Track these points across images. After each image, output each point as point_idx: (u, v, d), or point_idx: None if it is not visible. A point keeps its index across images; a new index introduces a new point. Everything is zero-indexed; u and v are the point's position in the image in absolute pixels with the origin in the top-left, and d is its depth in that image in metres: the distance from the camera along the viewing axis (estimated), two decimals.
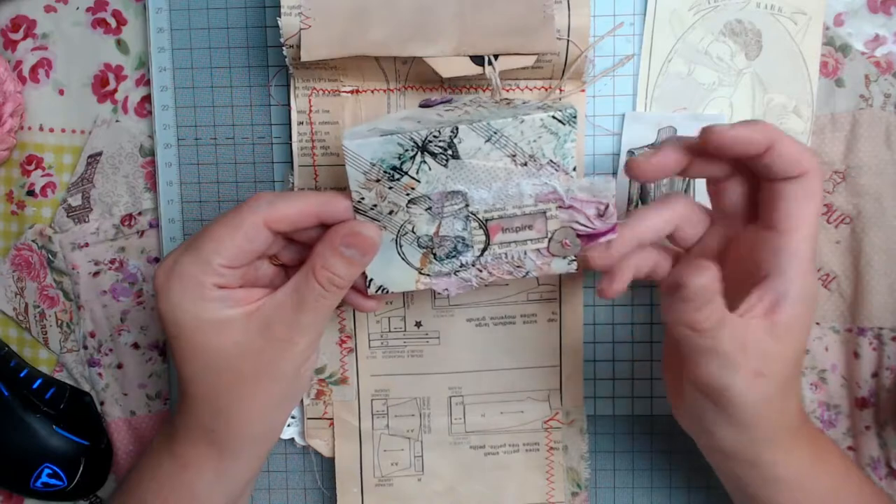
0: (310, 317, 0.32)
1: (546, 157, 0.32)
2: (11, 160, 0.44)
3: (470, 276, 0.34)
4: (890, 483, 0.42)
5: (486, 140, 0.32)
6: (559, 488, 0.43)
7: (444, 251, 0.34)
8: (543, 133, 0.32)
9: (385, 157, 0.32)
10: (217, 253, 0.31)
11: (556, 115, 0.31)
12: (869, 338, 0.42)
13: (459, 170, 0.32)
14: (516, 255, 0.33)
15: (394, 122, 0.33)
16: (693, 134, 0.40)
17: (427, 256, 0.34)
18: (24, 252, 0.44)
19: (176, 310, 0.31)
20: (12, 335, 0.45)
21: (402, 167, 0.32)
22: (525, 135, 0.32)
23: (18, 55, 0.43)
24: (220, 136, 0.42)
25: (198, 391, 0.33)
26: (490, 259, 0.34)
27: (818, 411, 0.43)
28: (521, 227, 0.33)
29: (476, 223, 0.33)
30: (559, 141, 0.32)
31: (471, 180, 0.32)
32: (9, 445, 0.42)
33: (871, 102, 0.40)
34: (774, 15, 0.40)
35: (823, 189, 0.40)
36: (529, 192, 0.32)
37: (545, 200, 0.33)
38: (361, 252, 0.32)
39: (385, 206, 0.33)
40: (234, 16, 0.41)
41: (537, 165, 0.32)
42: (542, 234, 0.33)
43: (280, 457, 0.44)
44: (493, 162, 0.32)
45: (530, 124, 0.31)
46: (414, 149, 0.32)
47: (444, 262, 0.34)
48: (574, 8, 0.37)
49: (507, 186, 0.32)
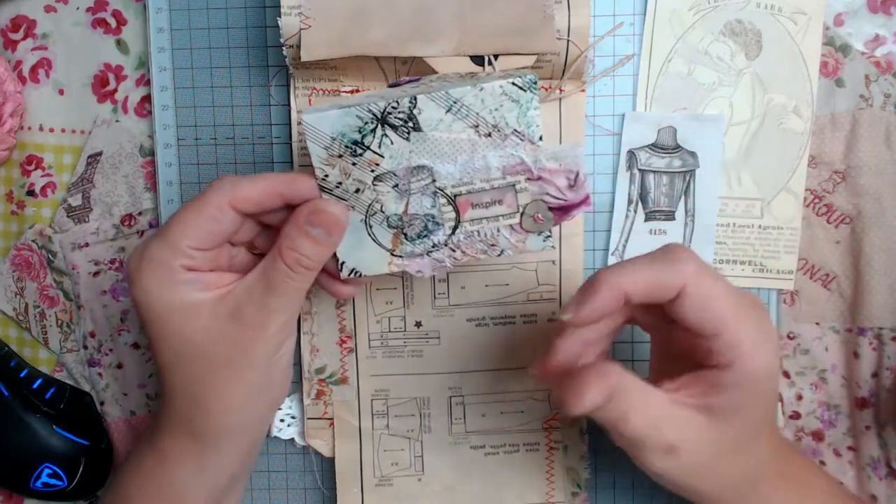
0: (279, 300, 0.32)
1: (510, 126, 0.31)
2: (11, 160, 0.44)
3: (443, 257, 0.33)
4: (890, 483, 0.42)
5: (447, 111, 0.31)
6: (559, 488, 0.43)
7: (414, 230, 0.33)
8: (505, 101, 0.31)
9: (345, 131, 0.31)
10: (184, 235, 0.31)
11: (515, 81, 0.30)
12: (869, 338, 0.42)
13: (423, 143, 0.31)
14: (489, 232, 0.33)
15: (356, 100, 0.32)
16: (693, 134, 0.40)
17: (398, 237, 0.33)
18: (24, 252, 0.44)
19: (146, 294, 0.31)
20: (12, 335, 0.45)
21: (364, 141, 0.31)
22: (486, 103, 0.31)
23: (18, 55, 0.43)
24: (220, 136, 0.42)
25: (174, 380, 0.33)
26: (462, 238, 0.33)
27: (818, 411, 0.43)
28: (492, 203, 0.32)
29: (445, 199, 0.32)
30: (521, 109, 0.31)
31: (435, 154, 0.32)
32: (9, 445, 0.42)
33: (871, 102, 0.40)
34: (774, 15, 0.40)
35: None
36: (496, 165, 0.32)
37: (513, 173, 0.32)
38: (327, 230, 0.32)
39: (351, 184, 0.32)
40: (234, 16, 0.41)
41: (501, 136, 0.31)
42: (512, 208, 0.32)
43: (280, 457, 0.44)
44: (457, 134, 0.31)
45: (490, 92, 0.30)
46: (373, 121, 0.31)
47: (416, 242, 0.33)
48: (574, 8, 0.37)
49: (472, 159, 0.32)
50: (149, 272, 0.31)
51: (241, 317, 0.32)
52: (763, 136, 0.41)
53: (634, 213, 0.41)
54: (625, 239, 0.41)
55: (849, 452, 0.43)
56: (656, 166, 0.41)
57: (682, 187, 0.41)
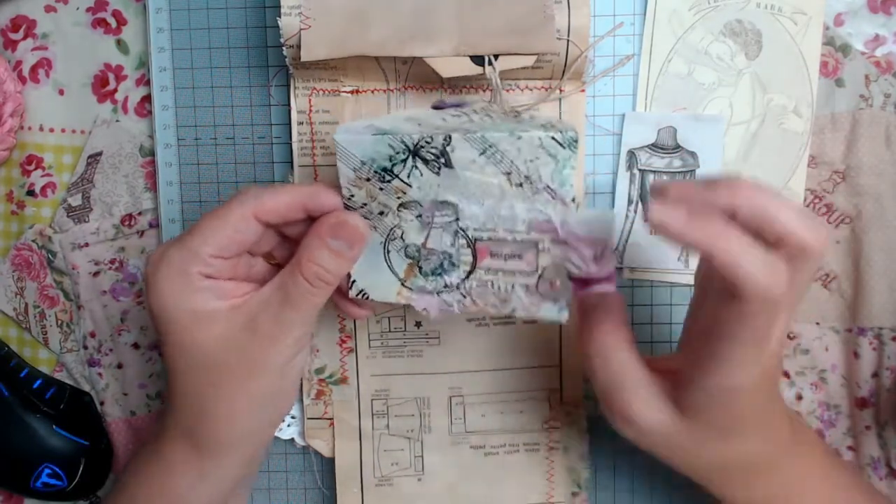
0: (295, 313, 0.32)
1: (543, 181, 0.30)
2: (11, 160, 0.44)
3: (452, 301, 0.33)
4: (890, 483, 0.42)
5: (481, 153, 0.30)
6: (559, 488, 0.43)
7: (430, 266, 0.32)
8: (542, 154, 0.30)
9: (376, 158, 0.31)
10: (205, 243, 0.31)
11: (555, 136, 0.29)
12: (869, 338, 0.42)
13: (453, 180, 0.31)
14: (503, 286, 0.31)
15: (392, 122, 0.32)
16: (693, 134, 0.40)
17: (413, 268, 0.33)
18: (24, 252, 0.44)
19: (162, 298, 0.31)
20: (12, 335, 0.45)
21: (394, 169, 0.31)
22: (522, 153, 0.30)
23: (18, 55, 0.43)
24: (220, 136, 0.42)
25: (182, 386, 0.33)
26: (475, 285, 0.32)
27: (818, 411, 0.43)
28: (511, 255, 0.31)
29: (465, 240, 0.32)
30: (557, 165, 0.30)
31: (463, 192, 0.31)
32: (9, 445, 0.42)
33: (871, 102, 0.40)
34: (774, 15, 0.40)
35: None
36: (523, 217, 0.30)
37: (539, 230, 0.30)
38: (349, 243, 0.31)
39: (375, 206, 0.32)
40: (234, 16, 0.41)
41: (533, 189, 0.30)
42: (531, 267, 0.31)
43: (280, 457, 0.44)
44: (488, 177, 0.31)
45: (528, 142, 0.30)
46: (405, 152, 0.31)
47: (429, 278, 0.33)
48: (574, 8, 0.37)
49: (500, 206, 0.31)
50: (166, 277, 0.31)
51: (256, 328, 0.32)
52: (763, 136, 0.41)
53: (634, 213, 0.41)
54: (625, 239, 0.41)
55: (849, 452, 0.43)
56: (656, 166, 0.41)
57: None
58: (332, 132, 0.40)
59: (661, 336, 0.42)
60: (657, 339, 0.42)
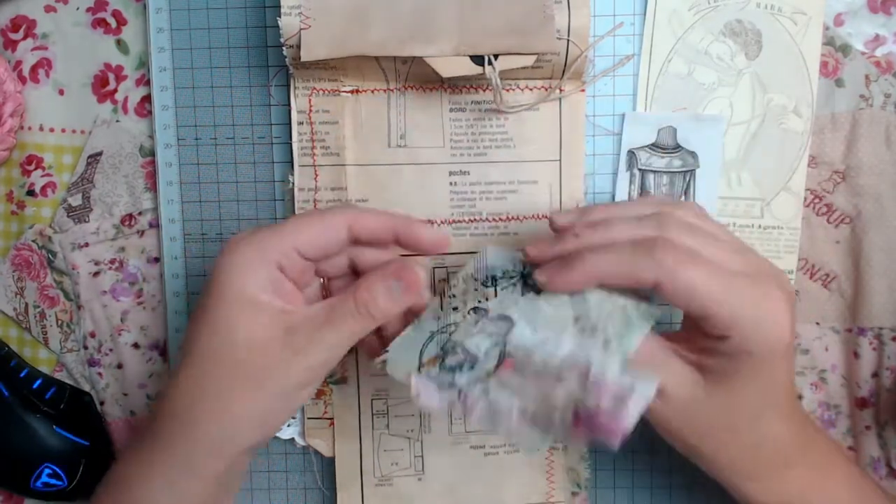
0: (331, 335, 0.32)
1: (608, 335, 0.31)
2: (11, 160, 0.44)
3: (445, 399, 0.32)
4: (890, 483, 0.42)
5: (570, 295, 0.32)
6: (559, 488, 0.43)
7: (451, 361, 0.32)
8: (619, 314, 0.31)
9: (496, 265, 0.35)
10: (296, 231, 0.32)
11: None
12: (869, 338, 0.42)
13: (527, 303, 0.33)
14: (503, 405, 0.31)
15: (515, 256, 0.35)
16: (693, 134, 0.40)
17: (436, 360, 0.33)
18: (24, 252, 0.44)
19: (231, 272, 0.32)
20: (12, 335, 0.45)
21: (498, 280, 0.34)
22: (603, 307, 0.31)
23: (18, 55, 0.43)
24: (220, 136, 0.42)
25: (192, 371, 0.32)
26: (478, 392, 0.31)
27: (818, 411, 0.43)
28: (532, 374, 0.31)
29: (499, 350, 0.32)
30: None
31: (527, 314, 0.32)
32: (9, 445, 0.42)
33: (871, 102, 0.40)
34: (774, 15, 0.40)
35: None
36: (564, 353, 0.30)
37: (570, 369, 0.30)
38: (405, 286, 0.32)
39: (455, 301, 0.34)
40: (234, 16, 0.41)
41: (593, 336, 0.31)
42: (543, 391, 0.30)
43: (280, 457, 0.44)
44: (559, 312, 0.32)
45: (613, 302, 0.31)
46: (517, 276, 0.34)
47: (444, 371, 0.32)
48: (574, 8, 0.37)
49: (550, 338, 0.31)
50: (244, 254, 0.32)
51: (290, 339, 0.32)
52: (763, 136, 0.41)
53: None
54: None
55: (849, 452, 0.43)
56: (656, 166, 0.41)
57: (682, 187, 0.41)
58: (332, 132, 0.40)
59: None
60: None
